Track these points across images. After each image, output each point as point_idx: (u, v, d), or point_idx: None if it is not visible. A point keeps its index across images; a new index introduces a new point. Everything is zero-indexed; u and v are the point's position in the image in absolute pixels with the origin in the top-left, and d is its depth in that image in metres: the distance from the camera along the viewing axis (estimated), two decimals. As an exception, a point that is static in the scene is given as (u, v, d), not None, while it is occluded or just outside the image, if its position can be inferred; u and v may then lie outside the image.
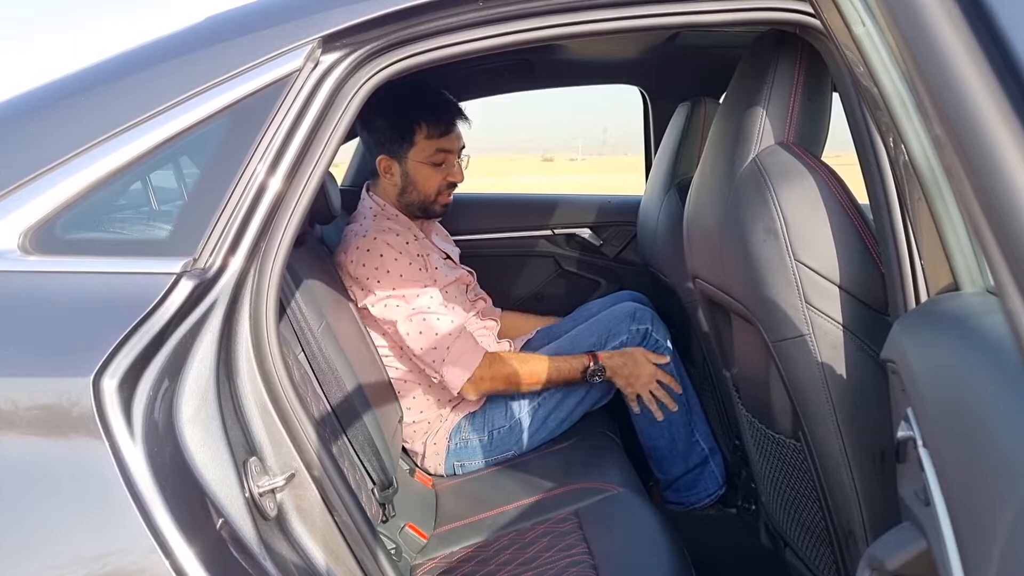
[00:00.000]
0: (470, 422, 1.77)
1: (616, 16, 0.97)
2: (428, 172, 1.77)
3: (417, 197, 1.79)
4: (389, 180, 1.80)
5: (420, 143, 1.75)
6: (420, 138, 1.75)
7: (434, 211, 1.83)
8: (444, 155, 1.77)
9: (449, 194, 1.83)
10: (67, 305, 0.85)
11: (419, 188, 1.78)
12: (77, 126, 0.91)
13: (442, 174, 1.78)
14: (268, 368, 0.93)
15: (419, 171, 1.77)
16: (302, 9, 0.95)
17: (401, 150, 1.76)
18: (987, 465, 0.54)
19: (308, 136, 0.93)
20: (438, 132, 1.75)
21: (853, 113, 0.99)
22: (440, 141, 1.75)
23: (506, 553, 1.34)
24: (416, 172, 1.77)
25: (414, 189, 1.78)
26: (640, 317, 1.80)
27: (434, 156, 1.76)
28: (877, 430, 1.00)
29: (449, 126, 1.76)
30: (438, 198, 1.80)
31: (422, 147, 1.75)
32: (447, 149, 1.77)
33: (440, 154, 1.76)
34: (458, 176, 1.81)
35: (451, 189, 1.82)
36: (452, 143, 1.78)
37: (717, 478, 1.82)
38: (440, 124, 1.75)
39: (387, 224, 1.75)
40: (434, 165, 1.76)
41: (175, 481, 0.78)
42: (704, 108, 2.01)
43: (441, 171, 1.78)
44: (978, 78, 0.34)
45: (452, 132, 1.77)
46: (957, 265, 0.78)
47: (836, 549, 1.16)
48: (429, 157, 1.76)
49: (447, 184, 1.80)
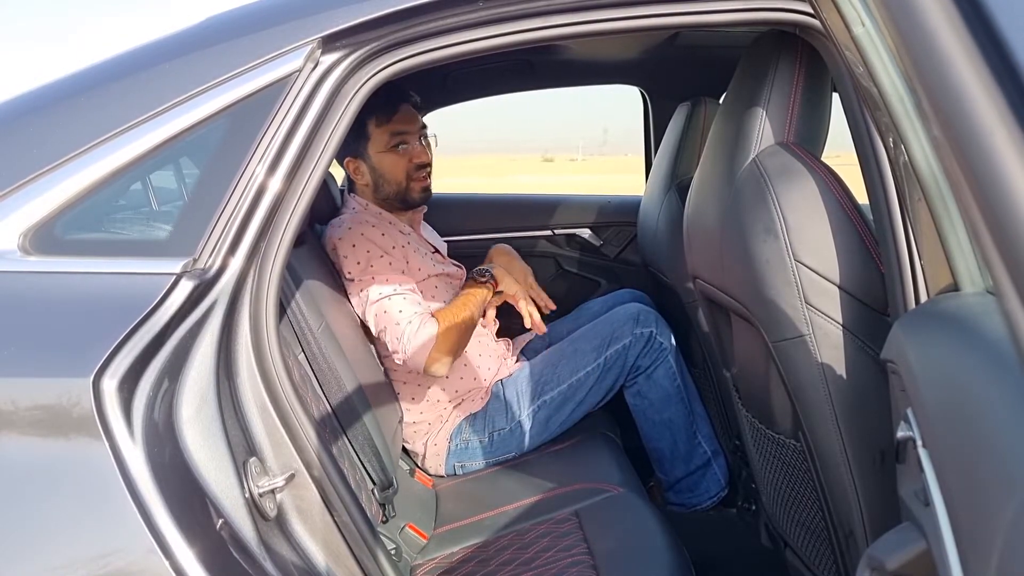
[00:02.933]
0: (471, 423, 1.77)
1: (616, 16, 0.97)
2: (391, 159, 1.77)
3: (391, 188, 1.79)
4: (361, 180, 1.81)
5: (374, 134, 1.75)
6: (372, 128, 1.75)
7: (412, 198, 1.82)
8: (400, 137, 1.76)
9: (423, 177, 1.81)
10: (67, 305, 0.85)
11: (388, 178, 1.78)
12: (77, 126, 0.91)
13: (406, 157, 1.78)
14: (268, 368, 0.93)
15: (383, 161, 1.77)
16: (302, 9, 0.95)
17: (360, 147, 1.77)
18: (987, 465, 0.54)
19: (308, 136, 0.93)
20: (386, 117, 1.74)
21: (853, 113, 0.99)
22: (391, 125, 1.75)
23: (506, 553, 1.34)
24: (380, 163, 1.77)
25: (384, 181, 1.79)
26: (644, 320, 1.79)
27: (391, 141, 1.76)
28: (877, 430, 1.00)
29: (394, 108, 1.75)
30: (411, 184, 1.80)
31: (376, 137, 1.76)
32: (401, 131, 1.76)
33: (396, 137, 1.76)
34: (421, 155, 1.80)
35: (422, 171, 1.81)
36: (405, 124, 1.77)
37: (719, 480, 1.82)
38: (385, 108, 1.74)
39: (366, 218, 1.76)
40: (394, 150, 1.76)
41: (175, 481, 0.78)
42: (704, 108, 2.01)
43: (404, 154, 1.77)
44: (977, 80, 0.34)
45: (398, 113, 1.76)
46: (957, 265, 0.78)
47: (836, 549, 1.16)
48: (387, 144, 1.76)
49: (415, 166, 1.79)
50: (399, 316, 1.61)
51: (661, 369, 1.79)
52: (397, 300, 1.63)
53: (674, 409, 1.80)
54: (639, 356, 1.77)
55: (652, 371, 1.79)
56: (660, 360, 1.79)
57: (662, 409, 1.79)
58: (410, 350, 1.59)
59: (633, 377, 1.80)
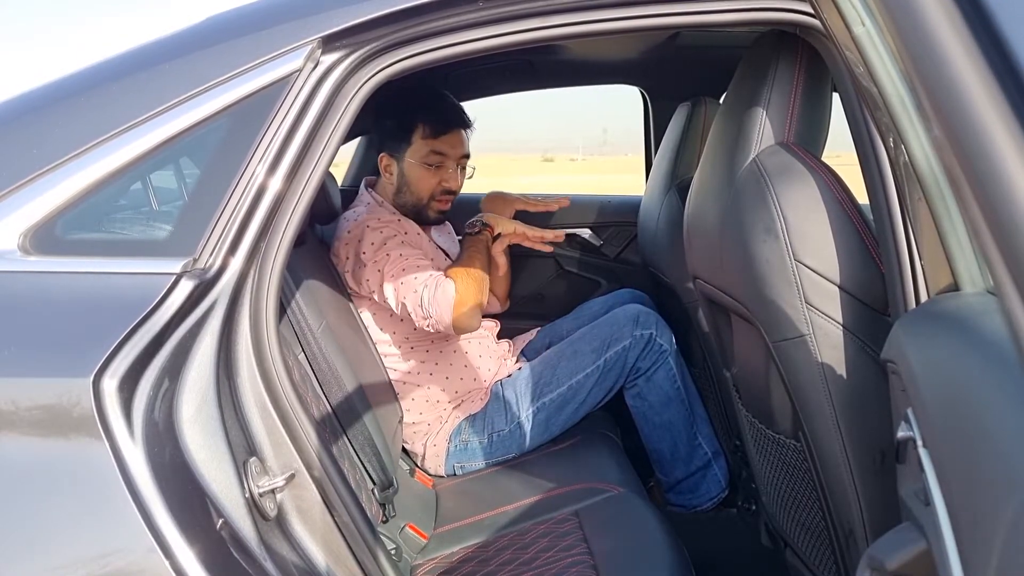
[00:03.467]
0: (470, 424, 1.76)
1: (616, 16, 0.97)
2: (422, 173, 1.77)
3: (411, 199, 1.80)
4: (388, 179, 1.82)
5: (416, 143, 1.76)
6: (417, 138, 1.76)
7: (426, 216, 1.83)
8: (439, 158, 1.77)
9: (446, 201, 1.82)
10: (67, 305, 0.85)
11: (412, 189, 1.79)
12: (77, 126, 0.91)
13: (437, 178, 1.78)
14: (268, 368, 0.93)
15: (414, 171, 1.78)
16: (302, 9, 0.95)
17: (400, 149, 1.78)
18: (987, 465, 0.54)
19: (308, 136, 0.93)
20: (433, 133, 1.75)
21: (853, 113, 0.99)
22: (435, 142, 1.76)
23: (506, 553, 1.34)
24: (411, 172, 1.78)
25: (408, 190, 1.80)
26: (644, 321, 1.79)
27: (428, 157, 1.76)
28: (877, 430, 1.00)
29: (445, 127, 1.76)
30: (431, 203, 1.80)
31: (418, 147, 1.76)
32: (442, 152, 1.77)
33: (435, 156, 1.76)
34: (452, 181, 1.80)
35: (447, 196, 1.82)
36: (448, 146, 1.78)
37: (720, 481, 1.82)
38: (436, 125, 1.75)
39: (381, 213, 1.76)
40: (428, 167, 1.77)
41: (175, 481, 0.78)
42: (704, 108, 2.01)
43: (436, 174, 1.78)
44: (977, 79, 0.34)
45: (448, 134, 1.77)
46: (957, 265, 0.78)
47: (836, 549, 1.16)
48: (424, 158, 1.76)
49: (442, 190, 1.80)
50: (415, 283, 1.59)
51: (661, 371, 1.79)
52: (411, 270, 1.61)
53: (674, 411, 1.80)
54: (639, 358, 1.77)
55: (652, 373, 1.79)
56: (660, 362, 1.78)
57: (662, 411, 1.79)
58: (435, 312, 1.57)
59: (633, 379, 1.80)
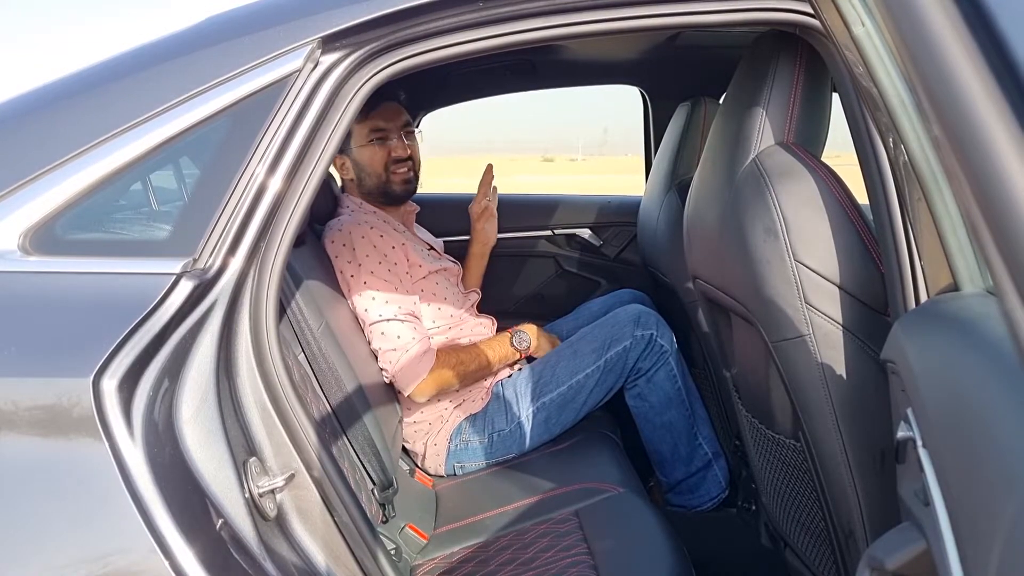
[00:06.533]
0: (471, 424, 1.76)
1: (616, 16, 0.97)
2: (370, 152, 1.81)
3: (371, 181, 1.83)
4: (347, 176, 1.87)
5: (354, 129, 1.80)
6: (353, 126, 1.78)
7: (393, 191, 1.84)
8: (380, 133, 1.81)
9: (403, 170, 1.84)
10: (67, 305, 0.85)
11: (368, 171, 1.82)
12: (77, 126, 0.91)
13: (384, 151, 1.82)
14: (268, 368, 0.93)
15: (362, 155, 1.82)
16: (302, 9, 0.95)
17: (346, 144, 1.82)
18: (987, 465, 0.54)
19: (308, 136, 0.93)
20: (364, 113, 1.78)
21: (853, 113, 0.99)
22: (370, 121, 1.80)
23: (506, 553, 1.34)
24: (360, 157, 1.82)
25: (365, 174, 1.83)
26: (644, 322, 1.79)
27: (369, 135, 1.81)
28: (877, 430, 1.00)
29: (373, 105, 1.78)
30: (390, 177, 1.83)
31: (357, 132, 1.81)
32: (380, 127, 1.81)
33: (375, 133, 1.81)
34: (399, 149, 1.83)
35: (401, 165, 1.83)
36: (383, 120, 1.81)
37: (720, 482, 1.82)
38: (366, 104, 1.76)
39: (363, 218, 1.77)
40: (372, 143, 1.81)
41: (175, 481, 0.78)
42: (704, 108, 2.01)
43: (383, 148, 1.82)
44: (977, 79, 0.34)
45: (378, 109, 1.80)
46: (957, 265, 0.78)
47: (836, 549, 1.16)
48: (366, 138, 1.81)
49: (393, 160, 1.82)
50: (397, 342, 1.64)
51: (662, 372, 1.79)
52: (395, 324, 1.65)
53: (675, 411, 1.80)
54: (639, 358, 1.77)
55: (653, 373, 1.79)
56: (661, 362, 1.79)
57: (663, 412, 1.79)
58: (400, 377, 1.64)
59: (633, 379, 1.80)
